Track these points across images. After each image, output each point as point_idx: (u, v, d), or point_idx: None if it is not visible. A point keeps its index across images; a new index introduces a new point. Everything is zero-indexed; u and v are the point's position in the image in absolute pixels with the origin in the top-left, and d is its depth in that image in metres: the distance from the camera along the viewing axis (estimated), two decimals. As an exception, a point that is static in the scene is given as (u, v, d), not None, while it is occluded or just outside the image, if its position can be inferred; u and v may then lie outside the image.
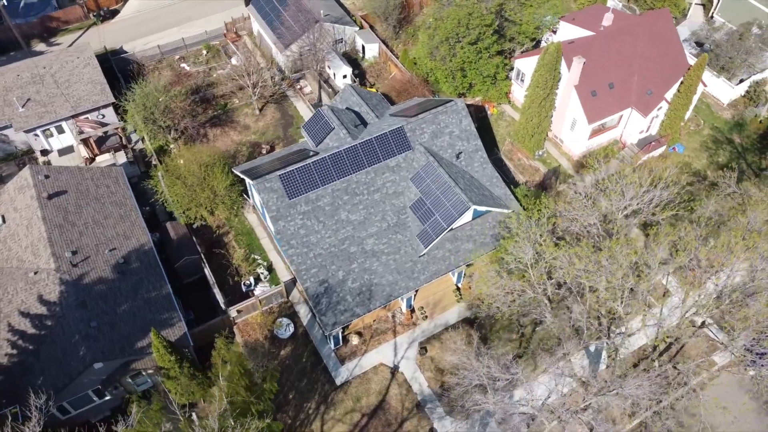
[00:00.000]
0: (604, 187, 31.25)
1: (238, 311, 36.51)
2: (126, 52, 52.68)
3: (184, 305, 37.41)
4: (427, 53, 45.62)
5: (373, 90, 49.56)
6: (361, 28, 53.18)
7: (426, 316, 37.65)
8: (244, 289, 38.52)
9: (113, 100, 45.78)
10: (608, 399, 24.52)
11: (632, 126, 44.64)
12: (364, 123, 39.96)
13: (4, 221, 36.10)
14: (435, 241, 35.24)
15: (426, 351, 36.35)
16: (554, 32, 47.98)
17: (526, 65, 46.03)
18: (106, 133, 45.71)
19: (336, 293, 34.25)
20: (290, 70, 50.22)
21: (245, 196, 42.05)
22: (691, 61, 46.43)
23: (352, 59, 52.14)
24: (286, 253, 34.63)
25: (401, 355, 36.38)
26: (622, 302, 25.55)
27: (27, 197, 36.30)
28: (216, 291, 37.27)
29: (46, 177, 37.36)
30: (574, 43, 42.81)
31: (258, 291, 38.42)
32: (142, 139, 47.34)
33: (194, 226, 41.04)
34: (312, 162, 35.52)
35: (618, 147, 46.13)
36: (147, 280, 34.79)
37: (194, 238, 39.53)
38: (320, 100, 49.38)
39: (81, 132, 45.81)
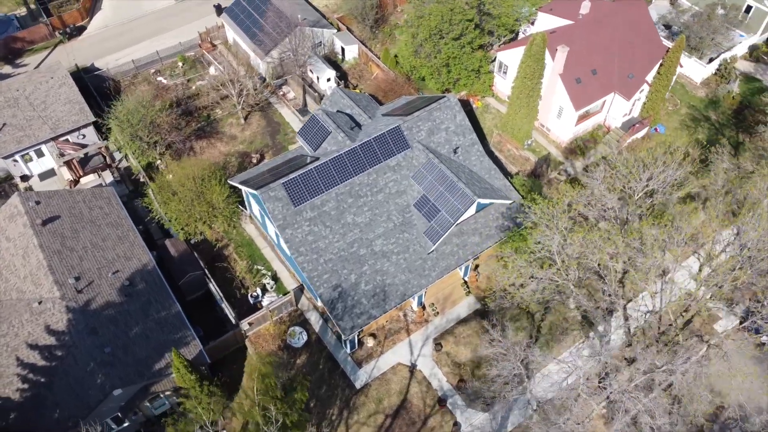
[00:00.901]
0: (622, 171, 31.65)
1: (249, 324, 36.00)
2: (99, 69, 51.22)
3: (191, 322, 36.65)
4: (412, 51, 45.82)
5: (357, 91, 49.47)
6: (339, 30, 52.99)
7: (437, 312, 37.86)
8: (251, 301, 38.00)
9: (93, 119, 44.51)
10: (656, 375, 24.87)
11: (616, 110, 45.78)
12: (358, 125, 39.90)
13: (-3, 252, 34.72)
14: (443, 237, 35.46)
15: (441, 346, 36.56)
16: (532, 23, 48.76)
17: (508, 57, 46.69)
18: (87, 154, 44.36)
19: (350, 297, 34.13)
20: (272, 76, 49.68)
21: (241, 207, 41.45)
22: (664, 44, 47.84)
23: (332, 62, 51.93)
24: (296, 261, 34.31)
25: (417, 352, 36.50)
26: (652, 281, 26.08)
27: (19, 225, 34.99)
28: (225, 305, 36.66)
29: (37, 203, 36.08)
30: (556, 32, 43.63)
31: (266, 302, 37.95)
32: (125, 157, 46.16)
33: (192, 241, 40.24)
34: (314, 167, 35.29)
35: (603, 131, 47.23)
36: (155, 301, 33.98)
37: (195, 254, 38.77)
38: (305, 105, 49.03)
39: (62, 154, 44.39)
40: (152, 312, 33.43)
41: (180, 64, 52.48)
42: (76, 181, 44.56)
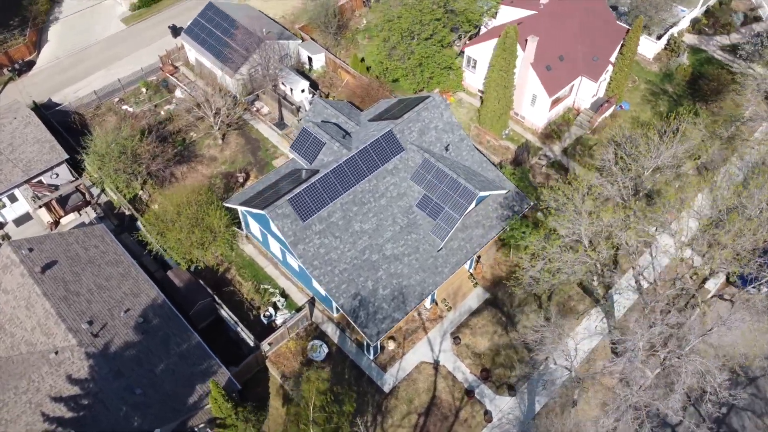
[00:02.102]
0: (632, 151, 32.95)
1: (269, 344, 35.72)
2: (59, 104, 49.20)
3: (206, 351, 36.03)
4: (385, 55, 46.33)
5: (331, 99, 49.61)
6: (303, 40, 52.87)
7: (450, 307, 38.66)
8: (265, 321, 37.68)
9: (66, 156, 42.82)
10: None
11: (584, 92, 47.84)
12: (347, 133, 40.13)
13: (-5, 307, 33.04)
14: (450, 233, 36.27)
15: (459, 340, 37.39)
16: (494, 17, 50.18)
17: (477, 52, 47.94)
18: (62, 194, 42.64)
19: (371, 303, 34.44)
20: (242, 93, 49.09)
21: (236, 228, 40.91)
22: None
23: (300, 72, 51.78)
24: (312, 275, 34.29)
25: (437, 349, 37.20)
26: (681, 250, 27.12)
27: (16, 276, 33.42)
28: (240, 328, 36.20)
29: (30, 250, 34.56)
30: (522, 23, 45.15)
31: (280, 320, 37.73)
32: (103, 191, 44.64)
33: (193, 269, 39.44)
34: (317, 180, 35.33)
35: (573, 114, 49.23)
36: (173, 334, 33.26)
37: (200, 282, 38.03)
38: (281, 118, 48.76)
39: (36, 197, 42.52)
40: (173, 346, 32.72)
41: (144, 90, 51.05)
42: (56, 222, 42.79)
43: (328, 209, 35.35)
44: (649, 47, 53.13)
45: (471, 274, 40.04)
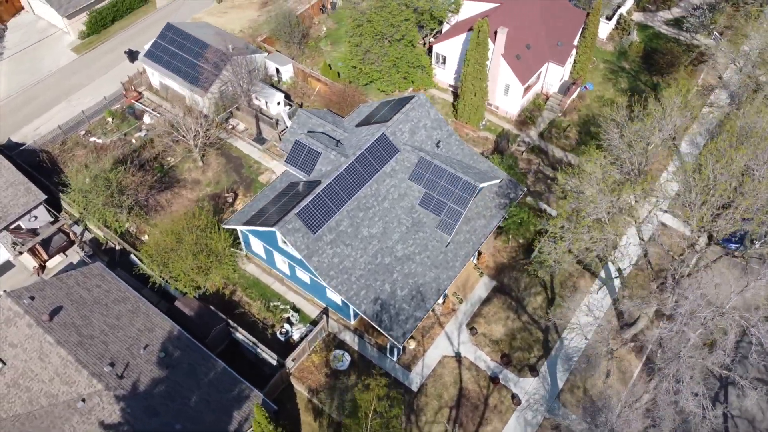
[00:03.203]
0: (640, 129, 34.06)
1: (293, 360, 35.46)
2: (22, 144, 46.87)
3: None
4: (359, 59, 46.54)
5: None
6: (269, 53, 52.38)
7: (461, 300, 39.43)
8: (282, 338, 37.32)
9: (44, 196, 40.98)
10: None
11: (552, 77, 49.62)
12: (338, 140, 40.21)
13: (4, 364, 31.36)
14: (456, 227, 37.00)
15: (476, 330, 38.22)
16: (457, 12, 51.17)
17: (446, 48, 48.91)
18: (41, 236, 40.74)
19: (392, 306, 34.74)
20: (216, 112, 48.23)
21: (233, 249, 40.26)
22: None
23: (270, 85, 51.26)
24: (330, 285, 34.27)
25: (456, 341, 37.90)
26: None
27: (23, 327, 31.84)
28: (261, 348, 35.75)
29: (32, 298, 32.98)
30: (489, 16, 46.35)
31: (296, 335, 37.48)
32: (86, 229, 42.95)
33: (198, 295, 38.59)
34: (321, 190, 35.30)
35: (542, 99, 50.96)
36: (197, 364, 32.55)
37: (211, 307, 37.28)
38: (260, 133, 48.21)
39: (17, 243, 40.51)
40: (200, 376, 32.02)
41: (110, 119, 49.31)
42: (42, 267, 40.90)
43: (336, 218, 35.39)
44: (602, 28, 55.54)
45: (476, 265, 40.94)
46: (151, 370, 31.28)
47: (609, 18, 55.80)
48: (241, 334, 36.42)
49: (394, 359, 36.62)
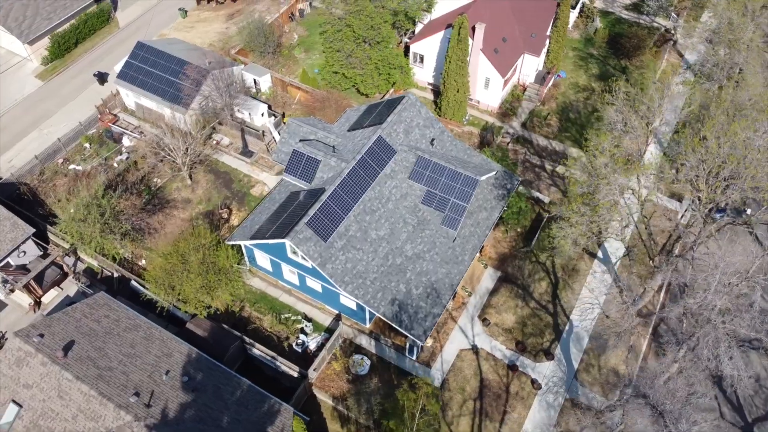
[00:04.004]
0: (641, 109, 34.92)
1: (314, 370, 35.29)
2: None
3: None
4: (342, 64, 46.54)
5: (285, 120, 49.16)
6: (245, 65, 51.80)
7: (470, 293, 39.99)
8: (299, 349, 37.06)
9: (32, 230, 39.54)
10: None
11: (528, 68, 50.80)
12: (333, 146, 40.19)
13: (20, 407, 30.12)
14: (461, 222, 37.53)
15: (488, 321, 38.85)
16: (430, 11, 51.71)
17: (423, 47, 49.46)
18: (29, 271, 39.36)
19: (409, 305, 34.99)
20: (198, 128, 47.37)
21: (236, 264, 39.73)
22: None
23: (250, 97, 50.71)
24: (346, 291, 34.26)
25: (471, 334, 38.44)
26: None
27: (36, 366, 30.66)
28: (281, 362, 35.41)
29: (42, 336, 31.78)
30: (464, 13, 47.10)
31: (313, 345, 37.28)
32: (78, 259, 41.60)
33: (207, 315, 37.92)
34: (327, 197, 35.25)
35: (520, 89, 52.10)
36: (222, 384, 32.05)
37: (224, 326, 36.69)
38: (246, 146, 47.65)
39: (6, 281, 38.94)
40: (227, 396, 31.54)
41: (87, 145, 47.83)
42: (38, 303, 39.42)
43: (345, 224, 35.40)
44: (567, 17, 57.10)
45: (479, 258, 41.58)
46: (178, 396, 30.62)
47: (573, 6, 57.43)
48: (258, 350, 35.99)
49: (414, 358, 36.87)
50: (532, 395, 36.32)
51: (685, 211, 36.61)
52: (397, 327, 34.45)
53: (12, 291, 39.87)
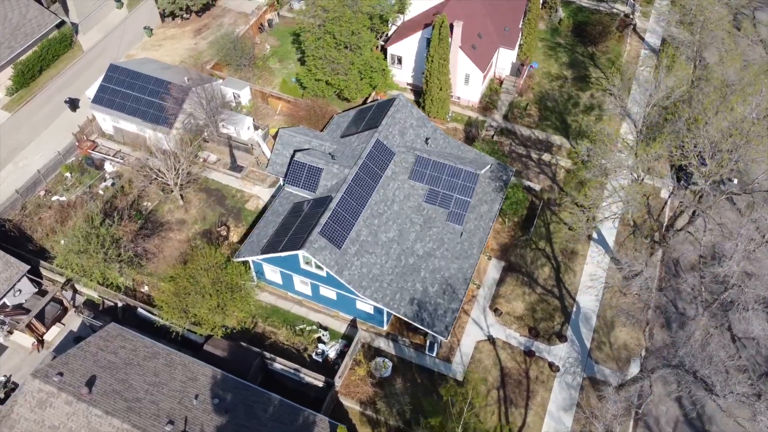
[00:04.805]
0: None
1: (339, 377, 35.33)
2: (-23, 217, 43.10)
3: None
4: (327, 71, 46.54)
5: (273, 130, 48.87)
6: (222, 79, 51.14)
7: (478, 285, 40.76)
8: (320, 358, 36.98)
9: (27, 266, 38.14)
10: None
11: (503, 61, 52.01)
12: (330, 154, 40.26)
13: (48, 448, 29.13)
14: (466, 217, 38.23)
15: (500, 310, 39.69)
16: (403, 12, 52.25)
17: (401, 49, 49.99)
18: (26, 310, 37.99)
19: (428, 303, 35.43)
20: (183, 147, 46.51)
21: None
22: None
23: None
24: (364, 296, 34.45)
25: (485, 325, 39.19)
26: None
27: (61, 406, 29.69)
28: (304, 373, 35.29)
29: (61, 374, 30.76)
30: (438, 12, 47.86)
31: (332, 353, 37.28)
32: (76, 292, 40.36)
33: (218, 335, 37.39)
34: (337, 204, 35.35)
35: (496, 83, 53.27)
36: (253, 402, 31.75)
37: (243, 343, 36.28)
38: (234, 161, 47.11)
39: (7, 322, 37.48)
40: (260, 413, 31.27)
41: (67, 174, 46.32)
42: (41, 341, 38.03)
43: (355, 229, 35.58)
44: (531, 9, 58.69)
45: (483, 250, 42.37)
46: (212, 419, 30.19)
47: None
48: (280, 364, 35.76)
49: (434, 355, 37.34)
50: (551, 378, 37.33)
51: (680, 186, 38.24)
52: (419, 326, 34.86)
53: (10, 333, 38.40)
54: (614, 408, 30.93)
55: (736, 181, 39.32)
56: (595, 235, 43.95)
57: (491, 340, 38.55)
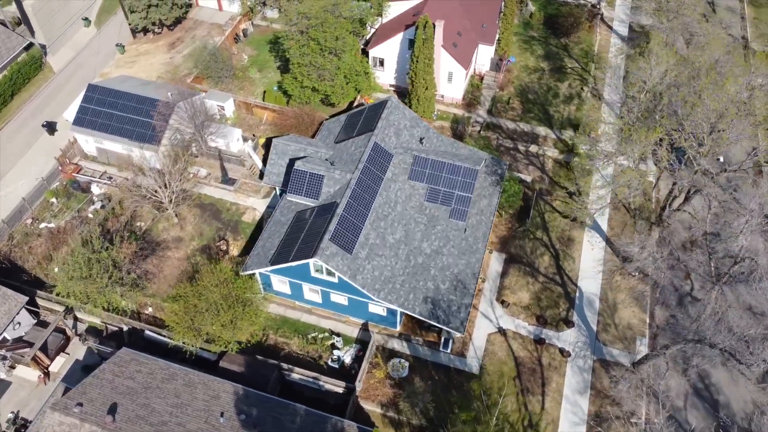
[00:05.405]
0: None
1: (359, 382, 35.39)
2: (-37, 251, 41.53)
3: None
4: (314, 78, 46.42)
5: (262, 140, 48.55)
6: (204, 92, 50.47)
7: (483, 279, 41.35)
8: (336, 365, 36.96)
9: (26, 298, 37.02)
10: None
11: (483, 57, 52.82)
12: (329, 161, 40.25)
13: (76, 481, 28.39)
14: (468, 213, 38.77)
15: (507, 302, 40.37)
16: (381, 15, 52.51)
17: (383, 51, 50.27)
18: (28, 343, 36.89)
19: (441, 300, 35.81)
20: (173, 164, 45.75)
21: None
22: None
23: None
24: (379, 299, 34.60)
25: (494, 317, 39.81)
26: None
27: (85, 437, 28.95)
28: (324, 380, 35.24)
29: (80, 405, 30.01)
30: (417, 13, 48.36)
31: (348, 358, 37.31)
32: (76, 319, 39.35)
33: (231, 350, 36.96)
34: (343, 210, 35.39)
35: (477, 79, 54.06)
36: (279, 414, 31.59)
37: (258, 356, 35.98)
38: (226, 174, 46.58)
39: (8, 357, 36.31)
40: (288, 425, 31.14)
41: (53, 200, 45.05)
42: (47, 374, 36.94)
43: (364, 233, 35.71)
44: (503, 5, 59.75)
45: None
46: (241, 435, 29.92)
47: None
48: (298, 374, 35.62)
49: (448, 351, 37.74)
50: (563, 363, 38.17)
51: (674, 168, 39.51)
52: (435, 324, 35.21)
53: (12, 367, 37.21)
54: (630, 389, 31.82)
55: (722, 158, 40.95)
56: (588, 220, 45.11)
57: (502, 331, 39.19)
